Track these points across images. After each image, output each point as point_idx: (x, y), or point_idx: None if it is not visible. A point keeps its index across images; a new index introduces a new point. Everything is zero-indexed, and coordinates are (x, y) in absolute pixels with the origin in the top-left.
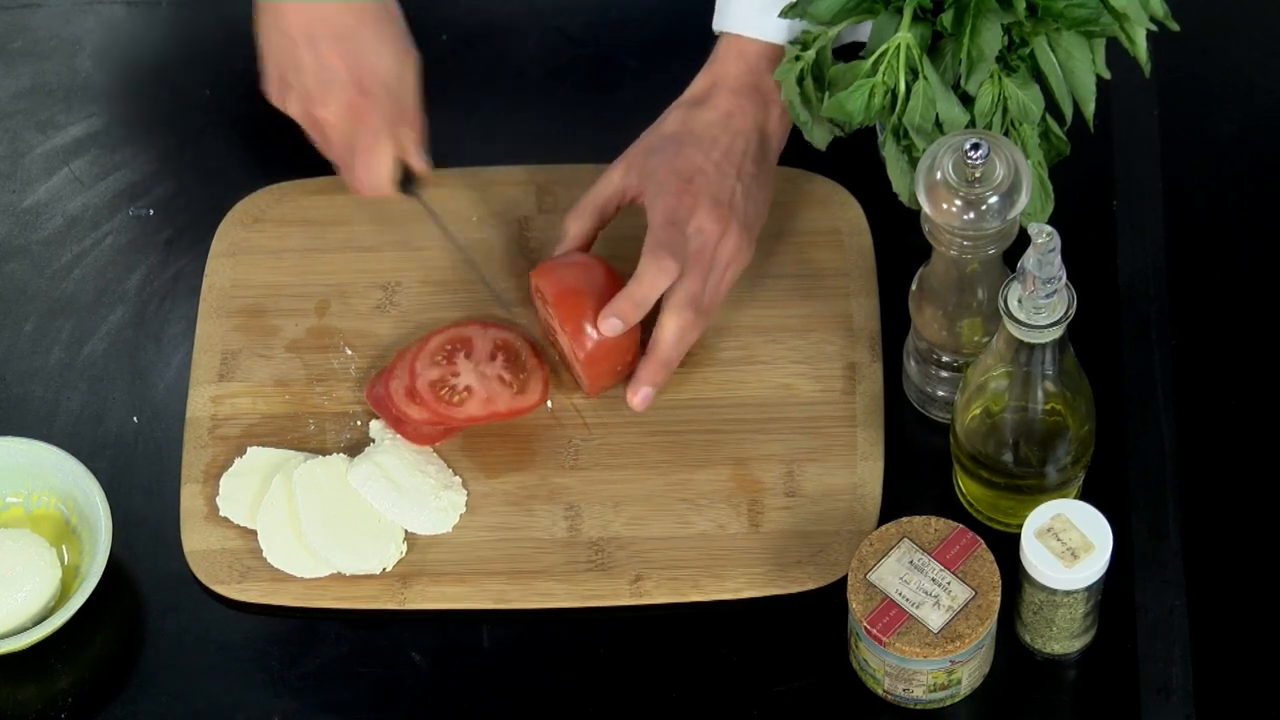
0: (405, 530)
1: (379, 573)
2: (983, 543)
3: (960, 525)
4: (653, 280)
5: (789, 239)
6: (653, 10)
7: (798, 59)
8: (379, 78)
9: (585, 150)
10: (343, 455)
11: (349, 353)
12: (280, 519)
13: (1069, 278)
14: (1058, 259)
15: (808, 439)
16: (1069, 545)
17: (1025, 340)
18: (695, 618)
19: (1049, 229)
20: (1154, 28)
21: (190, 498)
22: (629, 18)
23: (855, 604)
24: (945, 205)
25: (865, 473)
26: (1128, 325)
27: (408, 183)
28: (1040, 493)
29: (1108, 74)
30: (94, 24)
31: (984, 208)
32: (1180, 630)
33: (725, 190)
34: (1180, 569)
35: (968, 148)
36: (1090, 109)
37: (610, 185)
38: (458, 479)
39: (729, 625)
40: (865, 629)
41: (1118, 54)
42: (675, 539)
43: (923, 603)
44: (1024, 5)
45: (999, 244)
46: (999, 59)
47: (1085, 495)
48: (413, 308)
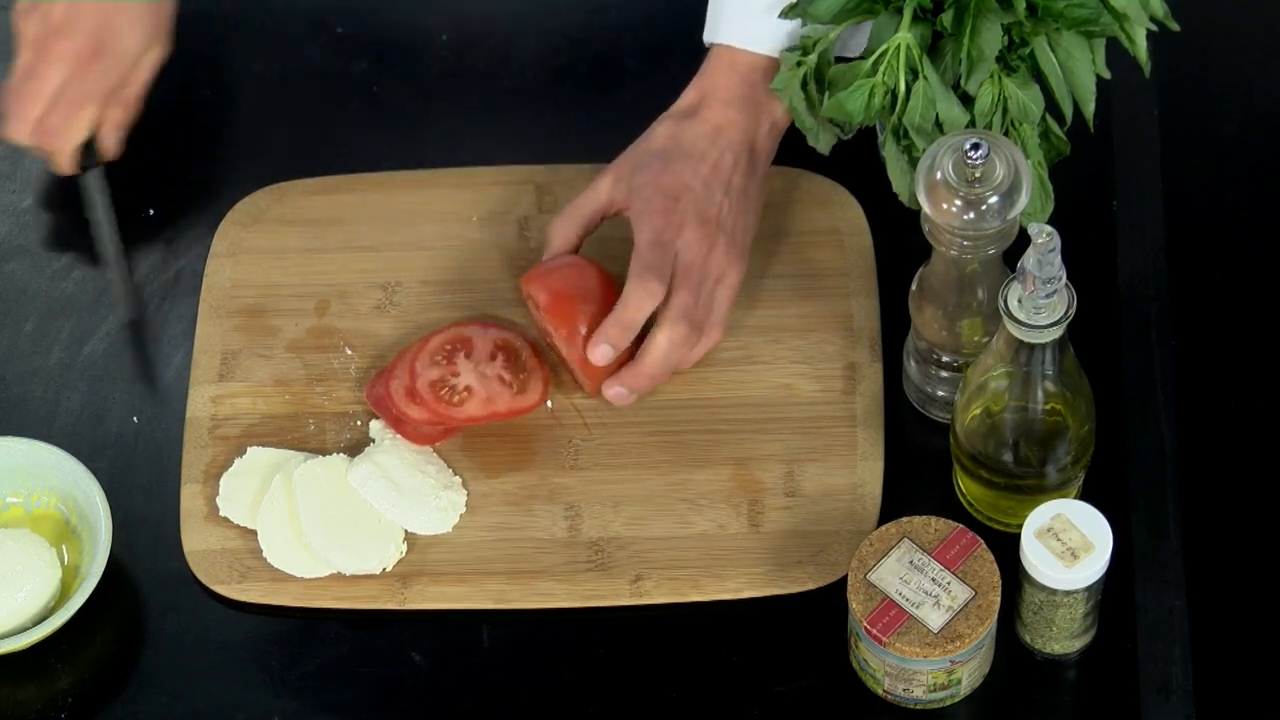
0: (405, 530)
1: (379, 573)
2: (983, 543)
3: (960, 525)
4: (639, 303)
5: (789, 239)
6: (653, 11)
7: (799, 65)
8: (120, 48)
9: (585, 150)
10: (343, 455)
11: (349, 353)
12: (280, 519)
13: (1069, 278)
14: (1058, 259)
15: (808, 439)
16: (1069, 545)
17: (1025, 340)
18: (695, 618)
19: (1049, 229)
20: (1154, 28)
21: (190, 498)
22: (629, 19)
23: (855, 604)
24: (945, 205)
25: (865, 473)
26: (1128, 325)
27: (86, 158)
28: (1040, 493)
29: (1108, 74)
30: None
31: (984, 208)
32: (1180, 630)
33: (712, 207)
34: (1180, 569)
35: (968, 148)
36: (1090, 109)
37: (597, 196)
38: (458, 479)
39: (729, 625)
40: (865, 629)
41: (1118, 54)
42: (675, 539)
43: (923, 603)
44: (1024, 5)
45: (999, 244)
46: (999, 59)
47: (1085, 495)
48: (413, 308)
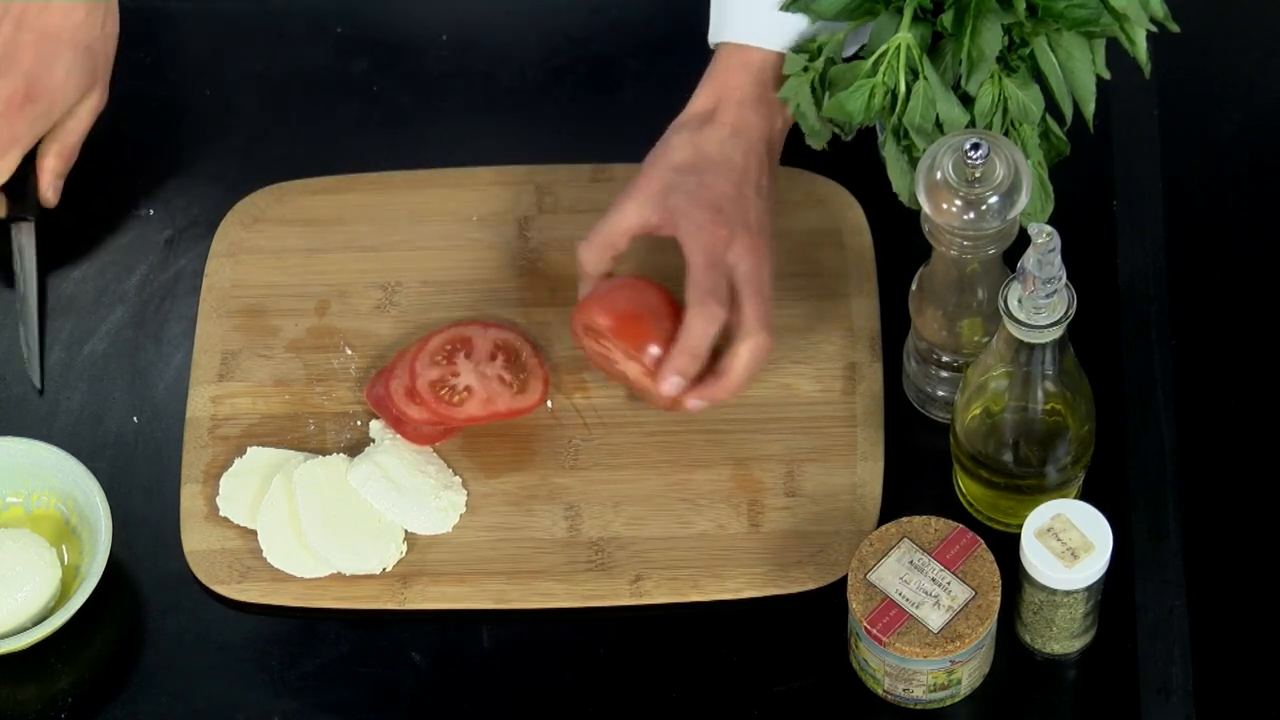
0: (405, 530)
1: (379, 573)
2: (983, 543)
3: (960, 525)
4: (703, 329)
5: (789, 239)
6: (653, 11)
7: (806, 69)
8: (54, 93)
9: (585, 150)
10: (343, 455)
11: (349, 353)
12: (280, 519)
13: (1069, 278)
14: (1058, 259)
15: (808, 439)
16: (1069, 545)
17: (1025, 340)
18: (695, 618)
19: (1049, 229)
20: (1154, 28)
21: (190, 498)
22: (629, 19)
23: (855, 604)
24: (945, 205)
25: (865, 473)
26: (1128, 325)
27: (17, 208)
28: (1040, 493)
29: (1108, 74)
30: None
31: (984, 208)
32: (1180, 630)
33: (751, 211)
34: (1180, 569)
35: (968, 148)
36: (1090, 109)
37: (626, 220)
38: (458, 479)
39: (729, 625)
40: (865, 629)
41: (1118, 54)
42: (675, 539)
43: (923, 603)
44: (1024, 5)
45: (999, 244)
46: (999, 59)
47: (1085, 495)
48: (413, 308)
